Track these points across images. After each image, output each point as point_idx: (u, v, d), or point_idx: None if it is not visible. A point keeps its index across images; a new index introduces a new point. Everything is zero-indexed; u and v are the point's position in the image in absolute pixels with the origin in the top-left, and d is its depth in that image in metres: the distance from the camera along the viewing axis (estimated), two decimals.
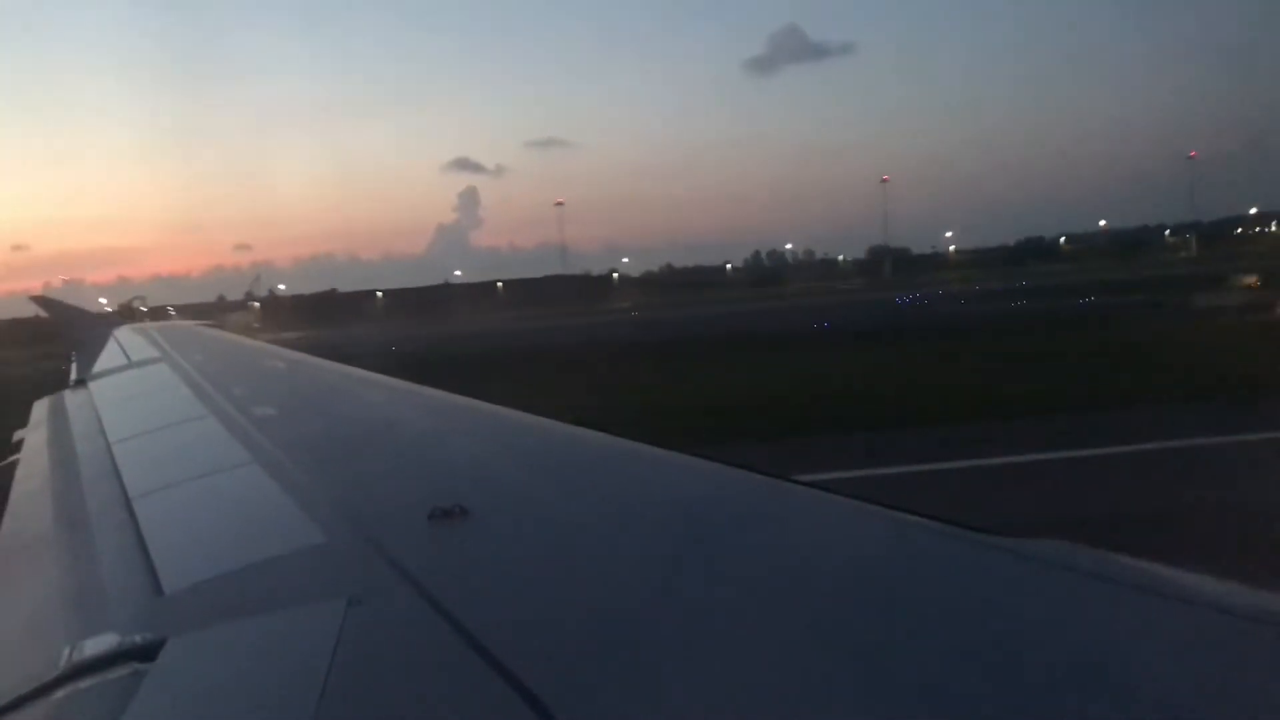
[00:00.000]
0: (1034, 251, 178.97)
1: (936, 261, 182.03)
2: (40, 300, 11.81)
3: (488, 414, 3.86)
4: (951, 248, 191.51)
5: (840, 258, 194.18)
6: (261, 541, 2.23)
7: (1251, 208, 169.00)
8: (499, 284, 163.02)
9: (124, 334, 9.48)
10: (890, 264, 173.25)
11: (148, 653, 1.60)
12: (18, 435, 5.07)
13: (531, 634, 1.53)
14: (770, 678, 1.32)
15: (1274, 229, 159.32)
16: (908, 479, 13.43)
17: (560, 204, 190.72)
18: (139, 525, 2.55)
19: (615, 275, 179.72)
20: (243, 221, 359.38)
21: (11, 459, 4.50)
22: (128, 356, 7.60)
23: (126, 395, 5.82)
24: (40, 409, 5.75)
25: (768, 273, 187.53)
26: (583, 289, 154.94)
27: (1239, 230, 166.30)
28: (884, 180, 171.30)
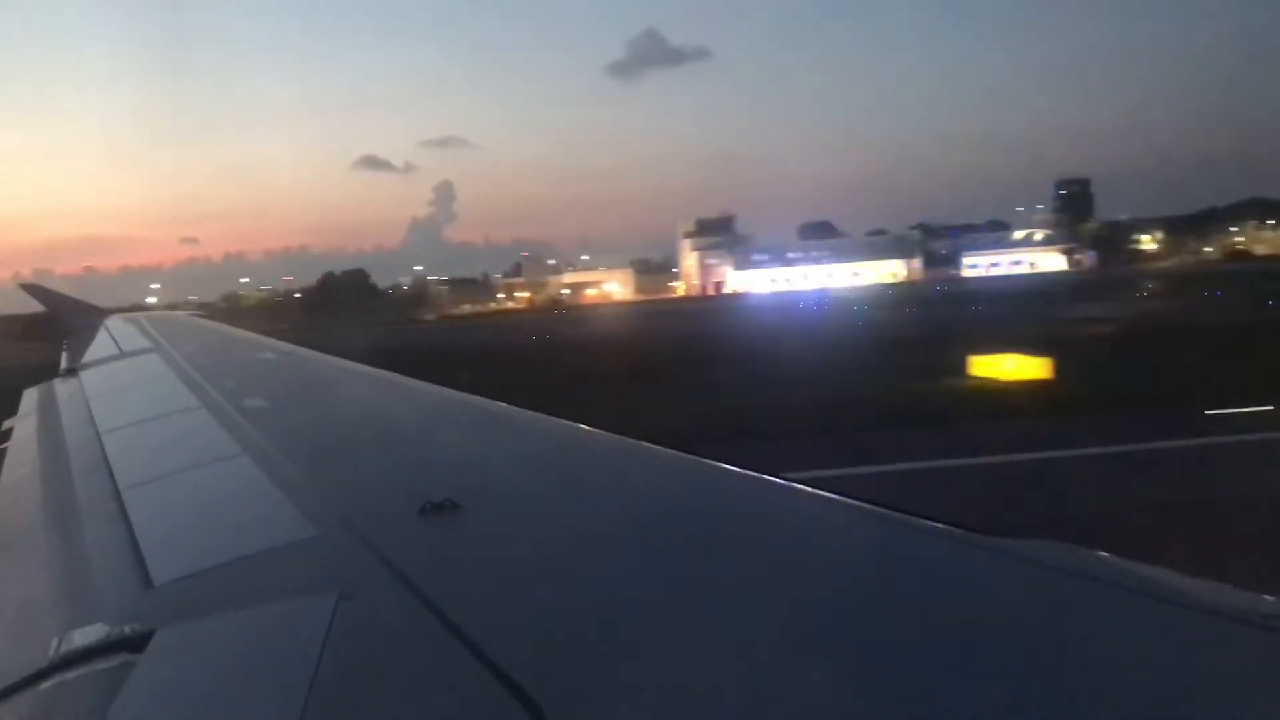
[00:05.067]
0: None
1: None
2: (32, 288, 11.70)
3: (480, 409, 3.85)
4: None
5: (598, 268, 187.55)
6: (252, 534, 2.22)
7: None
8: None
9: (116, 324, 9.44)
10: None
11: (137, 644, 1.59)
12: (6, 424, 5.03)
13: (521, 629, 1.53)
14: (760, 673, 1.32)
15: None
16: None
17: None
18: (128, 516, 2.54)
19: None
20: (188, 218, 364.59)
21: None
22: (119, 346, 7.57)
23: (117, 385, 5.79)
24: (30, 398, 5.70)
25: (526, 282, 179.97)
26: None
27: None
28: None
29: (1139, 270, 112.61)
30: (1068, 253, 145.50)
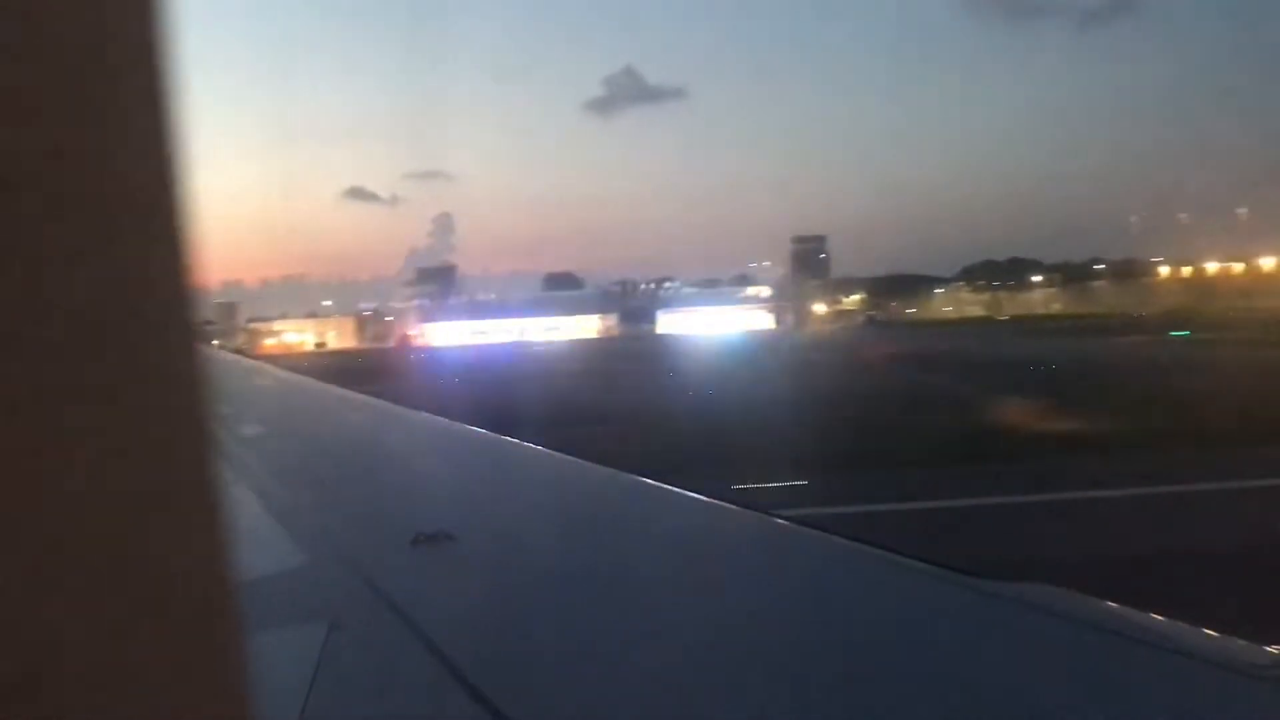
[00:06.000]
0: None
1: None
2: None
3: (476, 441, 3.84)
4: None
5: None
6: (244, 562, 2.13)
7: None
8: None
9: None
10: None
11: None
12: None
13: (512, 661, 1.53)
14: (750, 709, 1.33)
15: None
16: None
17: None
18: None
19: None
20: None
21: None
22: None
23: None
24: None
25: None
26: None
27: None
28: None
29: (807, 331, 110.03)
30: (775, 310, 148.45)
